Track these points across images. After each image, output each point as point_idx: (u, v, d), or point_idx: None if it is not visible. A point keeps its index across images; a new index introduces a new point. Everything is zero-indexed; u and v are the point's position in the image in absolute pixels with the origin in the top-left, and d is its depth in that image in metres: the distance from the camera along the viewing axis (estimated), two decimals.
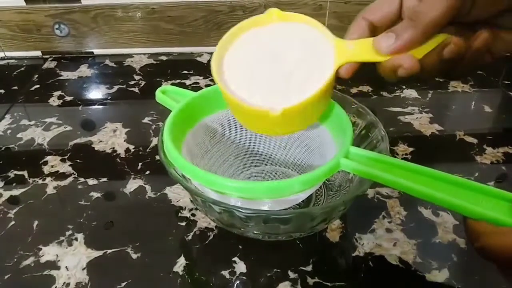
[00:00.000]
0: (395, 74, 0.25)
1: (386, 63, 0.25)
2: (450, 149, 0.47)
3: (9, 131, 0.50)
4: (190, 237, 0.35)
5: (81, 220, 0.37)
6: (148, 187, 0.41)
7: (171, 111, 0.34)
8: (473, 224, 0.22)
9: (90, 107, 0.56)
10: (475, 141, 0.47)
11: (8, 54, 0.68)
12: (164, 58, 0.68)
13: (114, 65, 0.66)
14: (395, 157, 0.40)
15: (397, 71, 0.25)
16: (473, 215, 0.22)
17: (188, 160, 0.30)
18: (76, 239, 0.35)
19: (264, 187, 0.28)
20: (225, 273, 0.32)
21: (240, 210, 0.29)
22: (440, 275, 0.32)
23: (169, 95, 0.38)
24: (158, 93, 0.38)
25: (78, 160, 0.45)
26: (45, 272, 0.33)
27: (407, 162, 0.27)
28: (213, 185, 0.28)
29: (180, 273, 0.32)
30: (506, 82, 0.60)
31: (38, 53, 0.69)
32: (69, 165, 0.44)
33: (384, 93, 0.57)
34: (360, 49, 0.27)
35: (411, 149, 0.46)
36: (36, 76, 0.63)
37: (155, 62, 0.67)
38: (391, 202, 0.39)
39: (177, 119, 0.33)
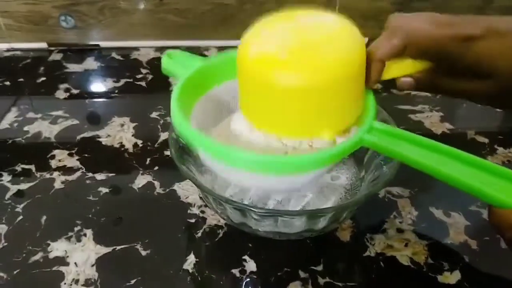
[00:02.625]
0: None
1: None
2: (461, 149, 0.46)
3: (15, 124, 0.50)
4: (199, 235, 0.35)
5: (90, 216, 0.37)
6: (156, 183, 0.40)
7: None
8: (507, 214, 0.21)
9: (97, 100, 0.55)
10: (486, 140, 0.47)
11: (14, 45, 0.68)
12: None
13: (121, 58, 0.66)
14: None
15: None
16: (505, 206, 0.21)
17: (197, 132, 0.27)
18: (85, 234, 0.35)
19: (293, 160, 0.26)
20: (235, 271, 0.32)
21: (253, 209, 0.28)
22: (452, 277, 0.32)
23: (176, 60, 0.35)
24: (164, 59, 0.35)
25: (85, 155, 0.45)
26: (54, 268, 0.33)
27: (435, 141, 0.25)
28: (226, 157, 0.26)
29: (190, 270, 0.32)
30: None
31: (43, 45, 0.68)
32: (77, 160, 0.44)
33: (394, 91, 0.56)
34: None
35: None
36: (42, 68, 0.63)
37: (162, 56, 0.66)
38: (402, 201, 0.38)
39: (187, 87, 0.31)
